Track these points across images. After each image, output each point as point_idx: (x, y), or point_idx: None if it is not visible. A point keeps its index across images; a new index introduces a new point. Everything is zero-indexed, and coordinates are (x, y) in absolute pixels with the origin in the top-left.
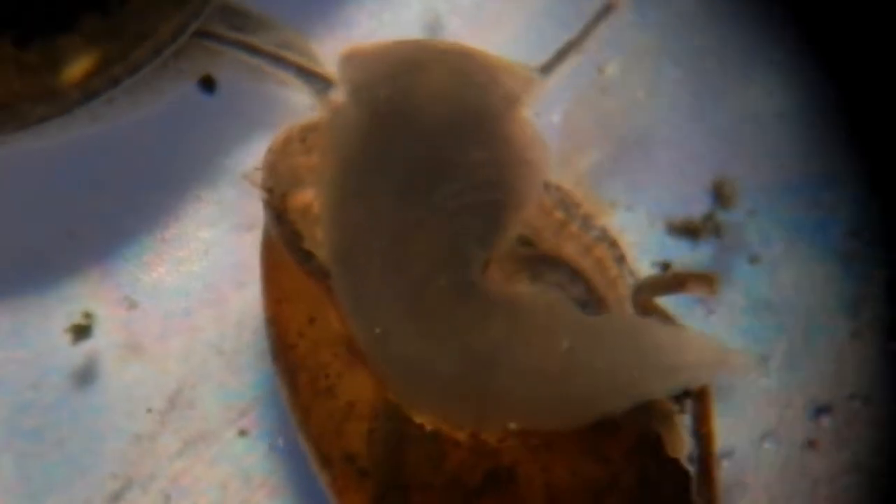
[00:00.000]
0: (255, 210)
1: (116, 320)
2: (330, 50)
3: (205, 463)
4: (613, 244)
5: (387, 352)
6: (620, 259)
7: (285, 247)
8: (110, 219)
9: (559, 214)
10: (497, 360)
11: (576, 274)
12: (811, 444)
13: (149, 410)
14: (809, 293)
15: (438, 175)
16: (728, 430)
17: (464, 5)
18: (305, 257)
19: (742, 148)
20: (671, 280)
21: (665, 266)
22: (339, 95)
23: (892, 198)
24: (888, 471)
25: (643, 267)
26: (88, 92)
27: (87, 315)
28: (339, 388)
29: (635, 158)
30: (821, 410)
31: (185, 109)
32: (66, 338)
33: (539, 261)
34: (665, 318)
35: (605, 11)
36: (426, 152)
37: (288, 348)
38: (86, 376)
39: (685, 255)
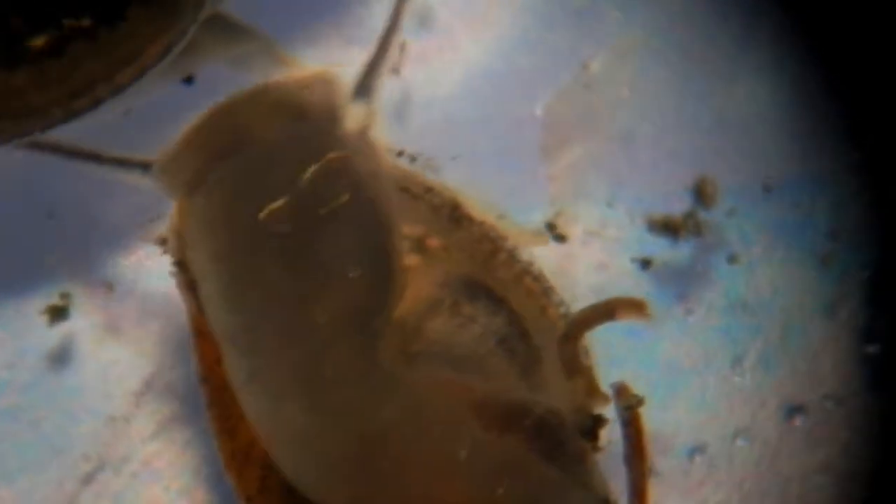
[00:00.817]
0: None
1: (94, 302)
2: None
3: (178, 446)
4: (540, 276)
5: (276, 421)
6: (549, 290)
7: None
8: (90, 201)
9: (486, 246)
10: (386, 446)
11: (499, 303)
12: (784, 443)
13: (124, 393)
14: (787, 294)
15: (307, 235)
16: (701, 427)
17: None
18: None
19: (724, 147)
20: (602, 309)
21: (645, 262)
22: (177, 196)
23: (871, 200)
24: (860, 472)
25: (623, 263)
26: (71, 111)
27: (65, 296)
28: (239, 429)
29: (617, 155)
30: (794, 410)
31: (167, 100)
32: (43, 319)
33: (459, 288)
34: (587, 369)
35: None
36: (284, 214)
37: (203, 380)
38: (62, 357)
39: (665, 253)
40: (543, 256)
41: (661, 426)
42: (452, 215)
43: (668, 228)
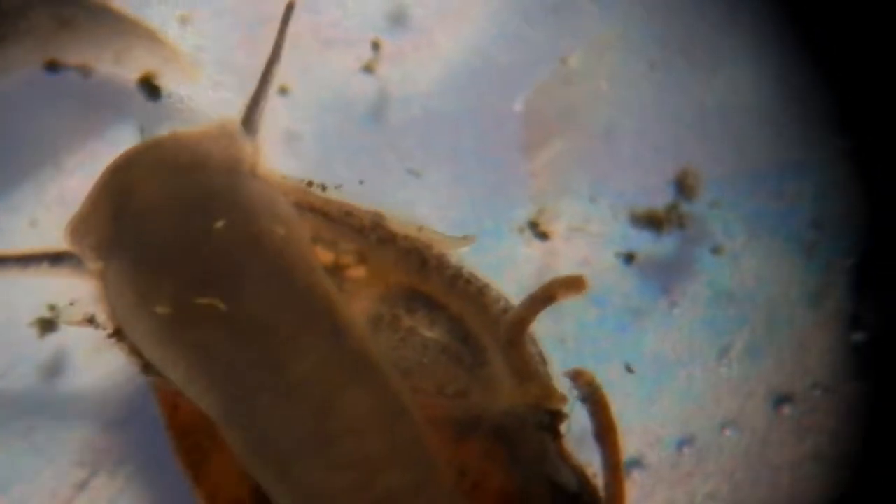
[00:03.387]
0: None
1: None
2: (293, 35)
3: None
4: (472, 276)
5: (289, 481)
6: (484, 288)
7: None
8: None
9: (414, 258)
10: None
11: (438, 310)
12: (773, 432)
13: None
14: (772, 284)
15: (234, 295)
16: (688, 418)
17: None
18: (147, 370)
19: (705, 139)
20: (539, 298)
21: (629, 257)
22: (92, 263)
23: (855, 189)
24: (849, 459)
25: (607, 258)
26: None
27: (53, 308)
28: (209, 472)
29: (598, 149)
30: (782, 400)
31: None
32: (33, 331)
33: (397, 302)
34: (537, 374)
35: (288, 12)
36: (212, 266)
37: (170, 408)
38: (55, 366)
39: (648, 247)
40: (527, 254)
41: (649, 419)
42: (376, 234)
43: (651, 222)
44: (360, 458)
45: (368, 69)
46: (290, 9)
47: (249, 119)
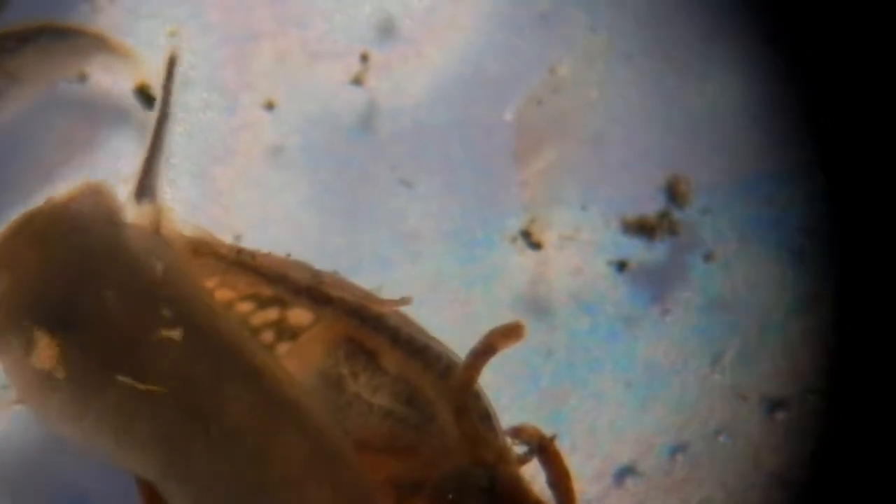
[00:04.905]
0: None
1: None
2: (281, 50)
3: None
4: (410, 338)
5: None
6: (424, 348)
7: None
8: None
9: (353, 320)
10: None
11: (380, 373)
12: (766, 438)
13: None
14: (764, 290)
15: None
16: (681, 425)
17: (416, 7)
18: None
19: (695, 146)
20: (481, 352)
21: (621, 265)
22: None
23: (845, 195)
24: (843, 464)
25: (599, 266)
26: None
27: None
28: None
29: (589, 158)
30: (775, 405)
31: None
32: None
33: (341, 357)
34: (489, 440)
35: (170, 71)
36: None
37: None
38: None
39: (640, 254)
40: (520, 264)
41: (642, 427)
42: (312, 295)
43: (642, 229)
44: None
45: (357, 81)
46: (172, 63)
47: (144, 185)
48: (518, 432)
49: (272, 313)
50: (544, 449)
